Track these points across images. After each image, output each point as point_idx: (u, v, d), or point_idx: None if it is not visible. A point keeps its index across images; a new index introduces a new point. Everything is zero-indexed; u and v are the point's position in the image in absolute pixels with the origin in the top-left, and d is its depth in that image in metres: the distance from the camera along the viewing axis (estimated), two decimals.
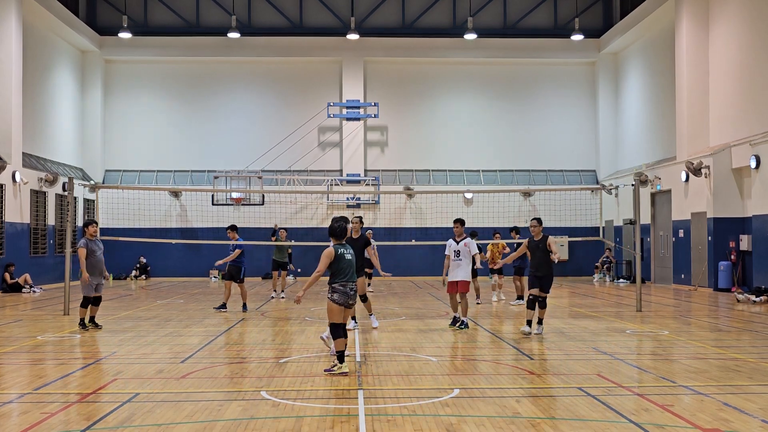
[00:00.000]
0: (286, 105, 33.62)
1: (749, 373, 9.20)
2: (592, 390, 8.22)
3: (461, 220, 13.92)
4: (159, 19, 33.76)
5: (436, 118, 33.85)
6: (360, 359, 10.37)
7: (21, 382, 8.90)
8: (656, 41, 29.65)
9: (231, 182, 31.65)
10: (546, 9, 34.27)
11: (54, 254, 27.47)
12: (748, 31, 23.53)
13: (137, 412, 7.26)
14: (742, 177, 23.41)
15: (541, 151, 33.79)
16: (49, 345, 12.22)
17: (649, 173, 28.14)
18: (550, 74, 34.20)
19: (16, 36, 25.36)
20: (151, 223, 28.66)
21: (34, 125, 28.13)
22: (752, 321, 15.36)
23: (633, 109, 31.99)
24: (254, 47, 33.15)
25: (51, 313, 17.26)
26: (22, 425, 6.79)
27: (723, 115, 24.91)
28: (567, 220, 30.92)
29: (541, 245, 12.89)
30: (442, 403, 7.60)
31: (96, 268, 13.75)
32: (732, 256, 23.20)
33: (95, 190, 25.46)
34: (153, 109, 33.60)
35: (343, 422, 6.87)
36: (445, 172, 33.59)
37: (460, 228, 13.77)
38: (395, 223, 32.20)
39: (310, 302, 19.44)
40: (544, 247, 12.86)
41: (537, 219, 13.23)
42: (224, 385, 8.72)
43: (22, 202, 25.25)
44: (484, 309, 17.86)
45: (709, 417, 6.96)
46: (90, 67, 32.88)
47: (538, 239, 13.03)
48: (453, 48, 33.36)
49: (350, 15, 32.70)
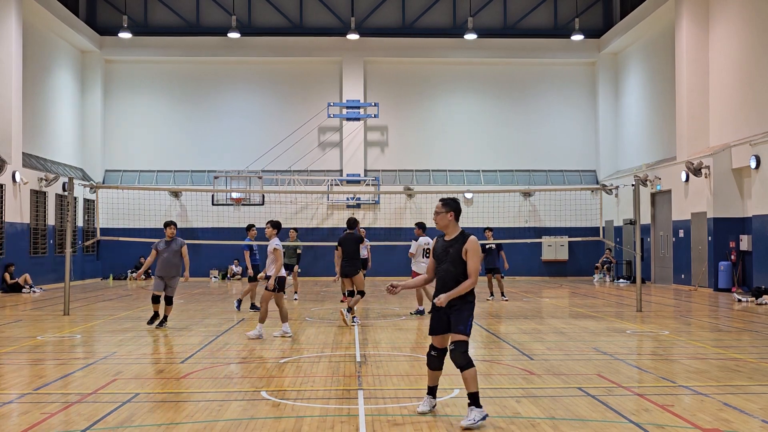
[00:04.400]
0: (286, 105, 33.62)
1: (749, 374, 9.20)
2: (592, 390, 8.21)
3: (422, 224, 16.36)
4: (159, 19, 33.76)
5: (436, 118, 33.85)
6: (360, 359, 10.37)
7: (21, 382, 8.90)
8: (656, 41, 29.65)
9: (231, 182, 31.66)
10: (546, 9, 34.27)
11: (54, 254, 27.46)
12: (748, 32, 23.52)
13: (137, 412, 7.25)
14: (742, 177, 23.41)
15: (541, 151, 33.79)
16: (49, 345, 12.21)
17: (649, 173, 28.14)
18: (550, 74, 34.20)
19: (16, 36, 25.36)
20: (151, 223, 28.64)
21: (34, 125, 28.13)
22: (752, 321, 15.36)
23: (633, 109, 31.98)
24: (254, 47, 33.14)
25: (51, 313, 17.25)
26: (22, 425, 6.79)
27: (723, 115, 24.91)
28: (567, 220, 30.92)
29: (452, 250, 7.01)
30: (442, 403, 7.59)
31: (165, 267, 13.74)
32: (732, 256, 23.19)
33: (95, 190, 25.45)
34: (153, 109, 33.62)
35: (343, 422, 6.87)
36: (445, 172, 33.59)
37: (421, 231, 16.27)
38: (395, 223, 32.18)
39: (310, 302, 19.44)
40: (457, 254, 6.96)
41: (443, 201, 7.17)
42: (224, 385, 8.72)
43: (22, 202, 25.24)
44: (484, 309, 17.85)
45: (710, 417, 6.95)
46: (90, 67, 32.88)
47: (449, 239, 7.09)
48: (453, 48, 33.35)
49: (350, 15, 32.71)
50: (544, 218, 32.37)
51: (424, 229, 16.45)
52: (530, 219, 32.54)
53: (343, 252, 14.90)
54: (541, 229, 32.30)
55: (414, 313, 16.33)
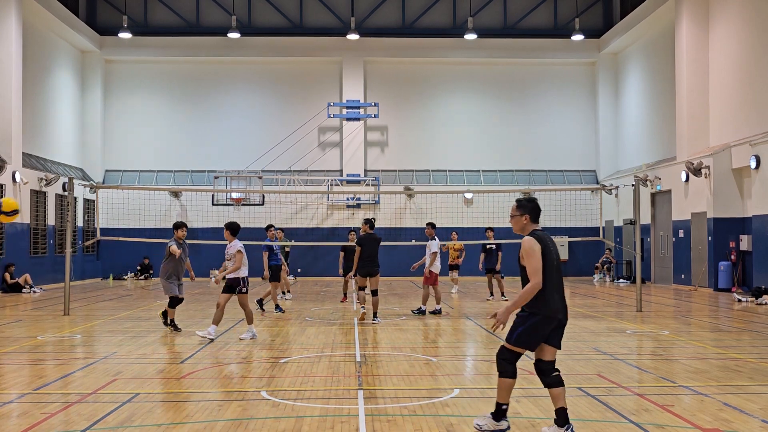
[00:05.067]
0: (286, 105, 33.61)
1: (749, 374, 9.20)
2: (592, 390, 8.21)
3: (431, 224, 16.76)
4: (159, 19, 33.76)
5: (436, 118, 33.84)
6: (360, 359, 10.37)
7: (21, 382, 8.90)
8: (656, 41, 29.65)
9: (231, 182, 31.66)
10: (546, 9, 34.26)
11: (54, 254, 27.46)
12: (748, 32, 23.52)
13: (137, 412, 7.25)
14: (742, 177, 23.40)
15: (541, 151, 33.78)
16: (49, 345, 12.21)
17: (649, 173, 28.13)
18: (550, 74, 34.19)
19: (16, 36, 25.36)
20: (151, 223, 28.63)
21: (34, 125, 28.12)
22: (752, 321, 15.35)
23: (633, 109, 31.98)
24: (254, 47, 33.14)
25: (51, 313, 17.26)
26: (22, 425, 6.79)
27: (723, 115, 24.90)
28: (567, 220, 30.87)
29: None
30: (442, 403, 7.60)
31: (177, 270, 13.66)
32: (732, 256, 23.19)
33: (95, 190, 25.44)
34: (153, 109, 33.61)
35: (343, 422, 6.87)
36: (445, 172, 33.58)
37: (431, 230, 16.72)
38: (395, 223, 32.18)
39: (310, 302, 19.43)
40: (519, 261, 6.52)
41: (518, 202, 6.60)
42: (224, 385, 8.72)
43: (22, 202, 25.21)
44: (484, 309, 17.85)
45: (710, 417, 6.95)
46: (90, 67, 32.87)
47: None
48: (453, 48, 33.35)
49: (350, 15, 32.70)
50: (544, 218, 32.25)
51: (435, 229, 16.61)
52: None
53: (363, 252, 14.98)
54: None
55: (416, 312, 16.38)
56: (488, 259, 20.19)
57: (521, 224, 6.51)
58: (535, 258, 6.17)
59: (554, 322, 6.25)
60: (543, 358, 6.36)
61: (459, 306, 18.72)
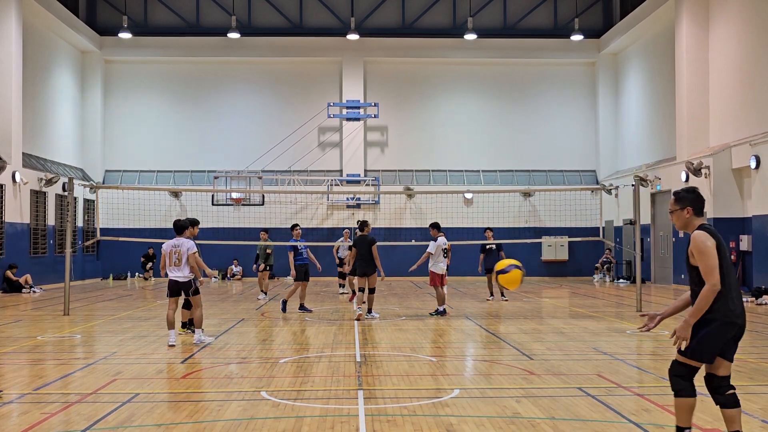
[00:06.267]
0: (286, 105, 33.62)
1: (749, 374, 9.20)
2: (592, 390, 8.21)
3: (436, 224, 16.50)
4: (159, 19, 33.76)
5: (436, 118, 33.85)
6: (360, 359, 10.36)
7: (21, 382, 8.90)
8: (656, 41, 29.65)
9: (231, 182, 31.66)
10: (546, 9, 34.27)
11: (54, 254, 27.46)
12: (748, 32, 23.52)
13: (137, 412, 7.25)
14: (742, 177, 23.41)
15: (541, 152, 33.78)
16: (49, 345, 12.21)
17: (649, 173, 28.13)
18: (550, 74, 34.20)
19: (16, 36, 25.36)
20: (151, 223, 28.63)
21: (34, 125, 28.13)
22: (752, 321, 15.35)
23: (633, 109, 31.99)
24: (254, 47, 33.14)
25: (51, 313, 17.25)
26: (22, 425, 6.79)
27: (723, 115, 24.91)
28: (567, 220, 30.90)
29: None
30: (442, 403, 7.59)
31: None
32: (732, 256, 23.19)
33: (95, 191, 25.44)
34: (153, 110, 33.61)
35: (343, 422, 6.86)
36: (445, 172, 33.58)
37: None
38: (395, 223, 32.19)
39: (310, 302, 19.42)
40: (687, 261, 5.76)
41: (676, 195, 5.75)
42: (224, 385, 8.72)
43: (22, 202, 25.24)
44: (484, 309, 17.86)
45: (709, 417, 6.95)
46: (90, 68, 32.87)
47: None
48: (453, 48, 33.35)
49: (350, 15, 32.70)
50: (544, 218, 32.36)
51: (440, 229, 16.46)
52: (530, 219, 32.53)
53: (357, 253, 15.48)
54: (541, 229, 32.30)
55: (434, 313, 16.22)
56: (488, 260, 20.15)
57: (684, 219, 5.61)
58: (710, 255, 5.32)
59: (734, 328, 5.41)
60: (716, 373, 5.48)
61: (459, 306, 18.71)
